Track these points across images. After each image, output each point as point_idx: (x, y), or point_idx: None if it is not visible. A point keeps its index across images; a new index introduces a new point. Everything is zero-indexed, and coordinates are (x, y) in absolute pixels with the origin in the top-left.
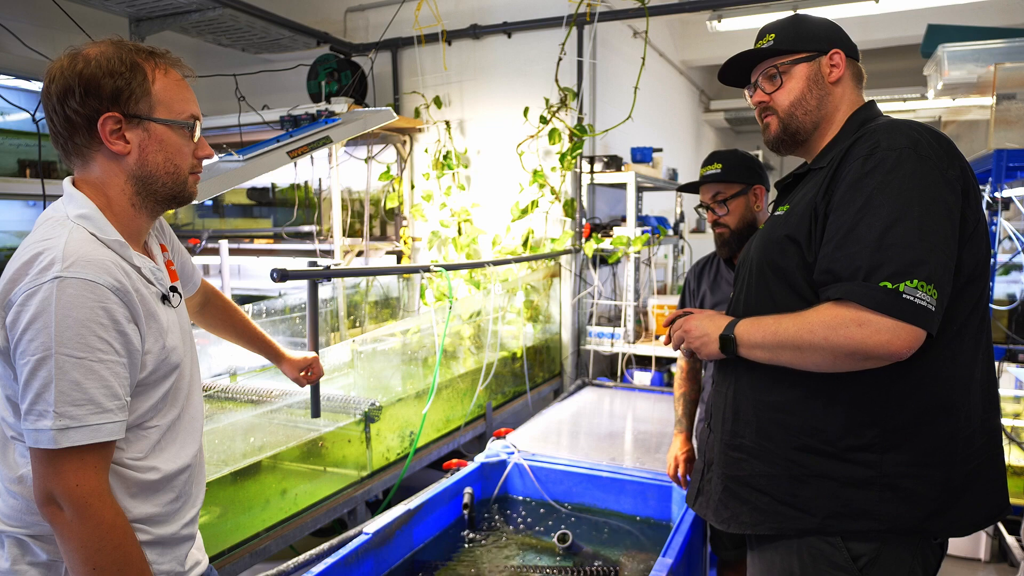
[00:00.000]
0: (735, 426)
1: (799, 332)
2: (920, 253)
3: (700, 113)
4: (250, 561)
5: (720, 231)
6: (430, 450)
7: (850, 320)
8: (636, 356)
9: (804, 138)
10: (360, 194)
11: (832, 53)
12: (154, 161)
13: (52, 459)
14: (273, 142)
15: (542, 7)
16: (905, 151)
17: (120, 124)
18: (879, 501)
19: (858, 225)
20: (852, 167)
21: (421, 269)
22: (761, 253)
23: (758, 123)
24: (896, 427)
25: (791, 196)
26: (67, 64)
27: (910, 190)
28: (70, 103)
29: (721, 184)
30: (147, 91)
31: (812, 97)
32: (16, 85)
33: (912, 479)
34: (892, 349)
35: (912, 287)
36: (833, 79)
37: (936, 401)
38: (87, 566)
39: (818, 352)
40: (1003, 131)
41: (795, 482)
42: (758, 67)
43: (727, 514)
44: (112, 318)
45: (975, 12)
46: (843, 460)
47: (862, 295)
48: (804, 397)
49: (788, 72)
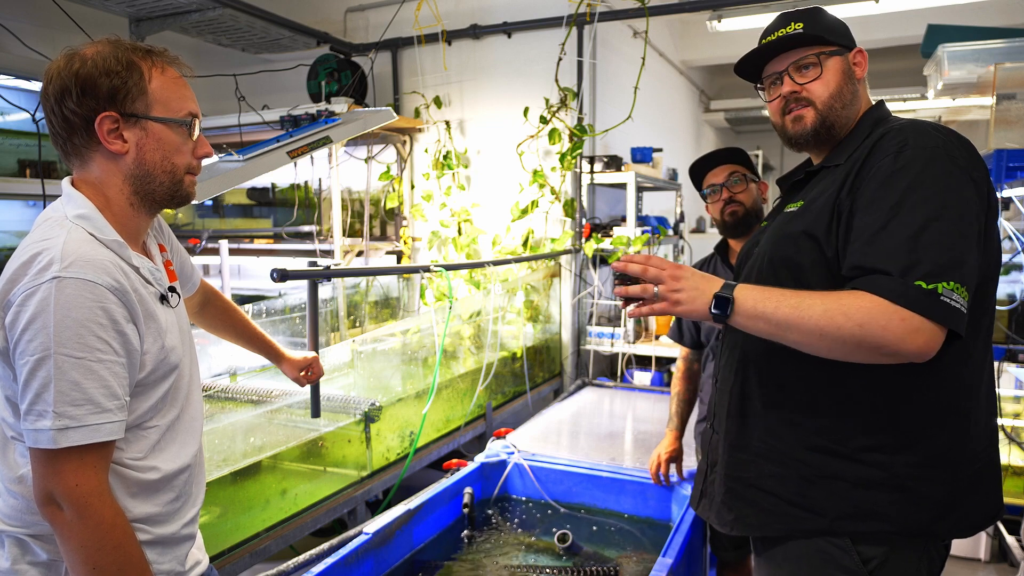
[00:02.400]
0: (742, 426)
1: (827, 314)
2: (956, 254)
3: (700, 113)
4: (250, 561)
5: (734, 208)
6: (430, 450)
7: (892, 313)
8: (636, 356)
9: (838, 133)
10: (360, 194)
11: (856, 51)
12: (151, 160)
13: (52, 459)
14: (273, 142)
15: (542, 7)
16: (936, 150)
17: (118, 123)
18: (889, 503)
19: (891, 222)
20: (882, 164)
21: (421, 269)
22: (774, 247)
23: (757, 123)
24: (908, 428)
25: (804, 193)
26: (64, 64)
27: (944, 191)
28: (67, 103)
29: (737, 165)
30: (144, 90)
31: (847, 91)
32: (16, 85)
33: (922, 481)
34: (926, 350)
35: (948, 288)
36: (860, 75)
37: (948, 403)
38: (87, 566)
39: (843, 340)
40: (1003, 131)
41: (804, 483)
42: (787, 55)
43: (731, 516)
44: (111, 318)
45: (975, 12)
46: (854, 461)
47: (900, 293)
48: (817, 397)
49: (824, 64)
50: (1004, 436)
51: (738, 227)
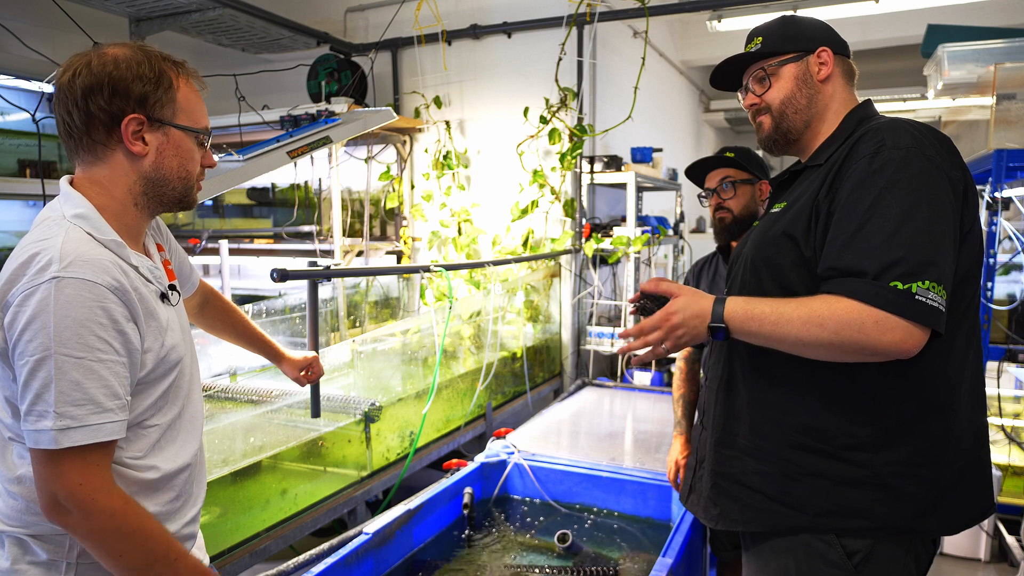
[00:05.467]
0: (727, 423)
1: (806, 324)
2: (930, 253)
3: (700, 113)
4: (250, 561)
5: (722, 215)
6: (430, 450)
7: (866, 317)
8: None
9: (795, 137)
10: (360, 194)
11: (820, 51)
12: (169, 165)
13: (53, 460)
14: (273, 142)
15: (542, 7)
16: (912, 150)
17: (142, 126)
18: (871, 500)
19: (867, 224)
20: (858, 165)
21: (421, 269)
22: (756, 249)
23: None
24: (890, 426)
25: (788, 193)
26: (96, 62)
27: (919, 190)
28: (97, 100)
29: (732, 169)
30: (172, 98)
31: (802, 96)
32: (16, 85)
33: (904, 478)
34: (905, 347)
35: (924, 288)
36: (822, 77)
37: (930, 401)
38: (113, 555)
39: (823, 346)
40: (1003, 131)
41: (788, 480)
42: (748, 70)
43: (715, 511)
44: (111, 317)
45: (975, 12)
46: (837, 459)
47: (874, 295)
48: (800, 396)
49: (776, 73)
50: (1004, 436)
51: (725, 233)
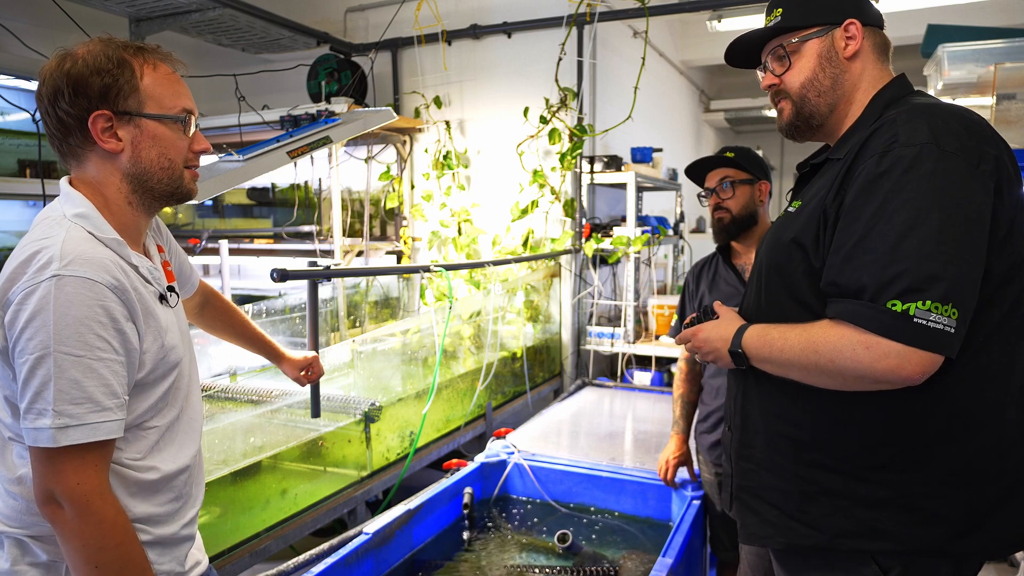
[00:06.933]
0: (744, 435)
1: (804, 352)
2: (936, 267)
3: (700, 113)
4: (250, 561)
5: (720, 215)
6: (430, 450)
7: (856, 343)
8: (636, 356)
9: (820, 122)
10: (360, 194)
11: (847, 24)
12: (147, 157)
13: (52, 458)
14: (273, 142)
15: (542, 7)
16: (926, 147)
17: (111, 122)
18: (895, 522)
19: (869, 234)
20: (866, 166)
21: (421, 269)
22: (768, 255)
23: (757, 123)
24: (916, 446)
25: (805, 191)
26: (55, 65)
27: (929, 193)
28: (61, 104)
29: (732, 169)
30: (135, 87)
31: (825, 76)
32: (16, 85)
33: (933, 499)
34: (903, 375)
35: (924, 309)
36: (849, 54)
37: (960, 418)
38: (89, 564)
39: (825, 374)
40: (1003, 131)
41: (805, 498)
42: (767, 46)
43: (739, 525)
44: (111, 316)
45: (975, 12)
46: (857, 479)
47: (869, 318)
48: (814, 411)
49: (797, 51)
50: None
51: (723, 232)
